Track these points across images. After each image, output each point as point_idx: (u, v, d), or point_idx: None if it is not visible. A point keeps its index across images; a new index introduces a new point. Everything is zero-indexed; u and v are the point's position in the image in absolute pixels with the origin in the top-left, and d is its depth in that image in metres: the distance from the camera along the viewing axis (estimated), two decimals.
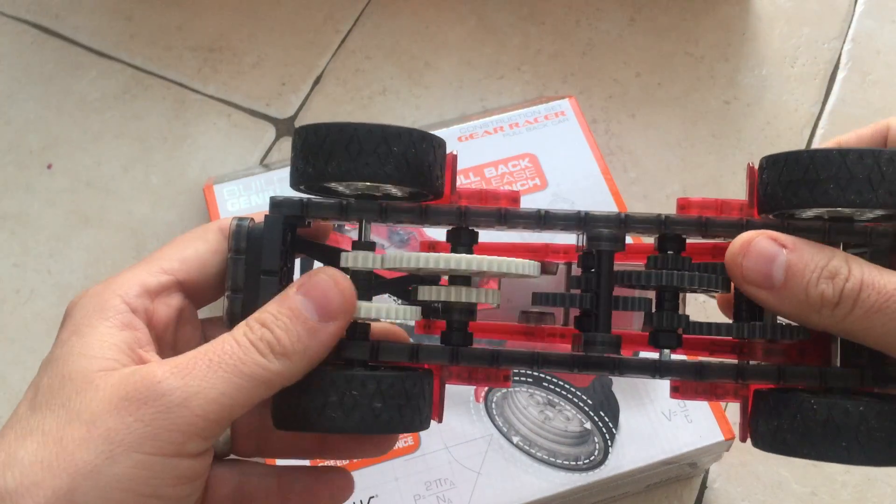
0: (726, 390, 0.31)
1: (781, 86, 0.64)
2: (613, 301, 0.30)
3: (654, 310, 0.31)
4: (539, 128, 0.55)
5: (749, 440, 0.32)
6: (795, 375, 0.30)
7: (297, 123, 0.63)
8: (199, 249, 0.32)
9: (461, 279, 0.31)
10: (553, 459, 0.45)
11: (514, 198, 0.32)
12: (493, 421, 0.46)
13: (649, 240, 0.32)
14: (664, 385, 0.32)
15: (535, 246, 0.35)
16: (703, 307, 0.54)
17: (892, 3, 0.67)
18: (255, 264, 0.31)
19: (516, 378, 0.47)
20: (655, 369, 0.30)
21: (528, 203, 0.31)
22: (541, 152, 0.54)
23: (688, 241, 0.31)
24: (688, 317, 0.31)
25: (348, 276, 0.30)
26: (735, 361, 0.31)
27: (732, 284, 0.30)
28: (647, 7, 0.67)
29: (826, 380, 0.30)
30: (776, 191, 0.29)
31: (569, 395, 0.46)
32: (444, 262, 0.30)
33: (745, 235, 0.29)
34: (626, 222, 0.30)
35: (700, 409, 0.45)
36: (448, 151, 0.32)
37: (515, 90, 0.64)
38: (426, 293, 0.31)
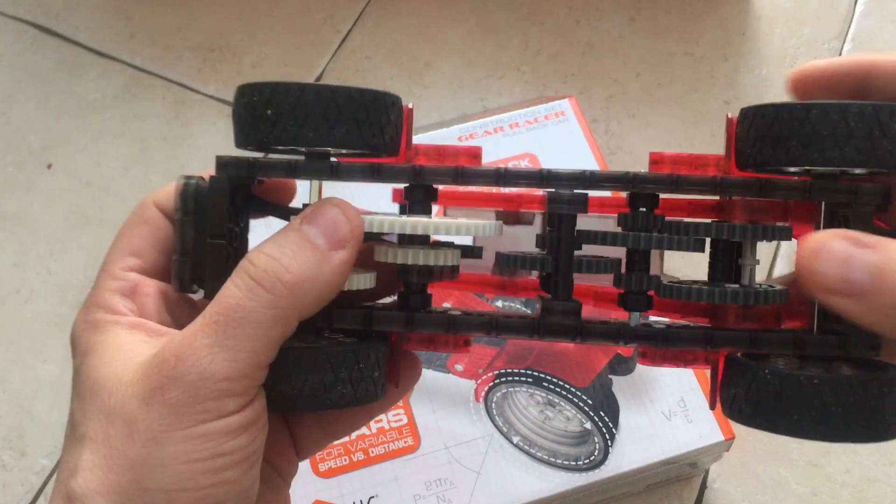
0: (696, 356, 0.30)
1: (781, 86, 0.64)
2: (576, 264, 0.29)
3: (623, 270, 0.29)
4: (539, 128, 0.55)
5: (719, 407, 0.30)
6: (767, 342, 0.28)
7: None
8: (143, 234, 0.31)
9: (417, 239, 0.30)
10: (553, 459, 0.45)
11: (475, 154, 0.30)
12: (493, 421, 0.46)
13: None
14: (665, 384, 0.32)
15: (509, 195, 0.33)
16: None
17: (892, 3, 0.67)
18: (204, 225, 0.29)
19: (516, 378, 0.47)
20: (620, 335, 0.29)
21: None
22: (541, 152, 0.54)
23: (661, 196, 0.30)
24: (659, 278, 0.29)
25: (351, 204, 0.28)
26: (705, 326, 0.30)
27: (707, 243, 0.29)
28: (647, 7, 0.67)
29: (800, 346, 0.28)
30: (752, 147, 0.28)
31: (569, 395, 0.46)
32: (397, 225, 0.28)
33: (817, 237, 0.26)
34: (590, 180, 0.29)
35: (700, 410, 0.45)
36: (405, 104, 0.30)
37: (515, 90, 0.64)
38: (381, 254, 0.29)
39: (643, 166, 0.30)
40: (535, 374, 0.47)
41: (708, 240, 0.30)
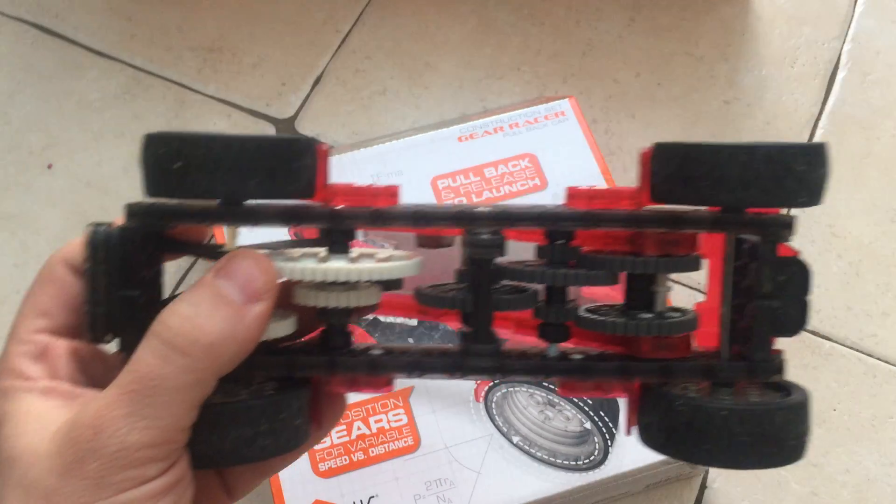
0: (612, 386, 0.31)
1: (781, 86, 0.64)
2: (495, 302, 0.29)
3: (543, 302, 0.30)
4: (539, 128, 0.55)
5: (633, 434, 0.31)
6: (679, 371, 0.29)
7: (298, 123, 0.64)
8: (50, 293, 0.30)
9: (335, 284, 0.29)
10: (553, 459, 0.45)
11: (392, 193, 0.30)
12: (493, 421, 0.46)
13: None
14: None
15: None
16: None
17: (892, 3, 0.67)
18: (116, 274, 0.28)
19: (517, 378, 0.47)
20: (539, 370, 0.30)
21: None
22: (541, 152, 0.54)
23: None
24: (576, 310, 0.30)
25: (265, 254, 0.28)
26: (621, 356, 0.30)
27: (622, 276, 0.30)
28: (646, 7, 0.67)
29: (712, 374, 0.29)
30: (665, 183, 0.29)
31: None
32: (315, 273, 0.28)
33: None
34: (508, 219, 0.29)
35: None
36: (319, 145, 0.30)
37: (515, 90, 0.64)
38: (301, 297, 0.29)
39: None
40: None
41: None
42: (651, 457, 0.44)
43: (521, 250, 0.31)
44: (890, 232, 0.58)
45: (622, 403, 0.46)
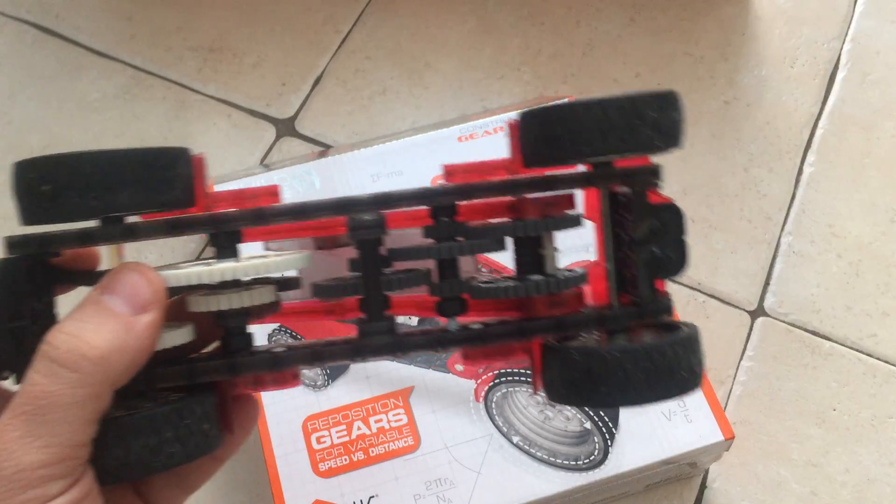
0: (513, 349, 0.31)
1: (781, 86, 0.64)
2: (387, 283, 0.30)
3: (435, 279, 0.30)
4: None
5: (543, 392, 0.32)
6: (573, 324, 0.30)
7: (298, 123, 0.64)
8: None
9: (229, 283, 0.29)
10: (553, 459, 0.45)
11: (272, 192, 0.30)
12: (492, 421, 0.46)
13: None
14: None
15: (320, 223, 0.33)
16: None
17: (892, 3, 0.67)
18: (2, 310, 0.28)
19: (516, 378, 0.47)
20: (438, 342, 0.30)
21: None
22: None
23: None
24: (469, 282, 0.30)
25: (150, 266, 0.28)
26: (518, 320, 0.31)
27: (510, 241, 0.31)
28: (646, 7, 0.67)
29: (603, 323, 0.30)
30: (532, 148, 0.30)
31: None
32: (200, 276, 0.28)
33: None
34: (387, 201, 0.29)
35: (700, 410, 0.45)
36: (193, 154, 0.30)
37: (515, 90, 0.64)
38: (194, 304, 0.29)
39: None
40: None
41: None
42: (651, 456, 0.44)
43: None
44: (890, 232, 0.58)
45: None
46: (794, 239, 0.58)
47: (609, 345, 0.29)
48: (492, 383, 0.47)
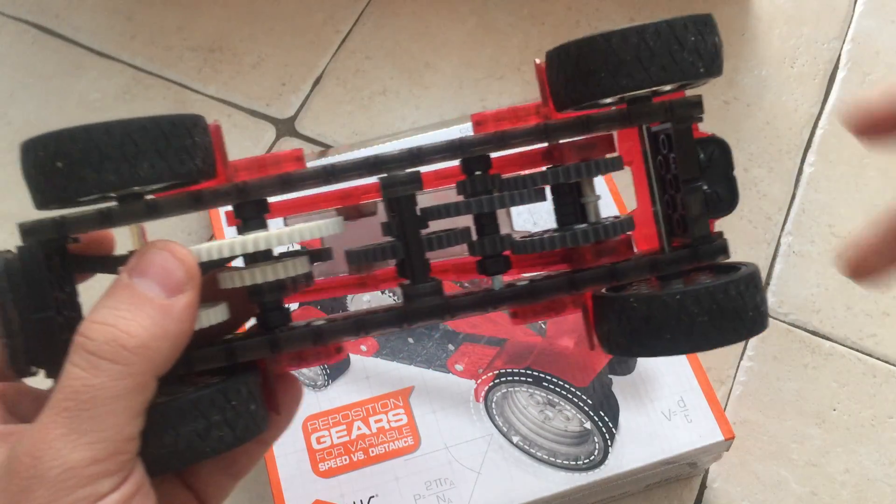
0: (564, 303, 0.30)
1: (781, 86, 0.64)
2: (427, 243, 0.28)
3: (474, 237, 0.29)
4: None
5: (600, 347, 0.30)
6: (625, 272, 0.28)
7: (298, 123, 0.64)
8: None
9: (261, 256, 0.28)
10: (553, 459, 0.45)
11: (297, 156, 0.29)
12: (493, 421, 0.46)
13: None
14: (664, 384, 0.32)
15: (345, 191, 0.31)
16: None
17: (892, 3, 0.67)
18: (26, 301, 0.26)
19: (516, 378, 0.47)
20: (486, 302, 0.28)
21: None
22: None
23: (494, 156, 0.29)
24: (511, 237, 0.29)
25: (178, 243, 0.26)
26: (566, 272, 0.29)
27: (548, 189, 0.29)
28: (647, 7, 0.67)
29: (657, 268, 0.28)
30: (565, 88, 0.28)
31: (568, 395, 0.46)
32: (231, 248, 0.26)
33: None
34: (419, 156, 0.28)
35: (700, 409, 0.45)
36: (210, 122, 0.28)
37: (515, 90, 0.64)
38: (227, 280, 0.27)
39: None
40: (535, 373, 0.47)
41: (548, 187, 0.30)
42: (651, 456, 0.44)
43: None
44: None
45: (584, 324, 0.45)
46: (794, 239, 0.58)
47: (667, 289, 0.28)
48: (492, 383, 0.47)
